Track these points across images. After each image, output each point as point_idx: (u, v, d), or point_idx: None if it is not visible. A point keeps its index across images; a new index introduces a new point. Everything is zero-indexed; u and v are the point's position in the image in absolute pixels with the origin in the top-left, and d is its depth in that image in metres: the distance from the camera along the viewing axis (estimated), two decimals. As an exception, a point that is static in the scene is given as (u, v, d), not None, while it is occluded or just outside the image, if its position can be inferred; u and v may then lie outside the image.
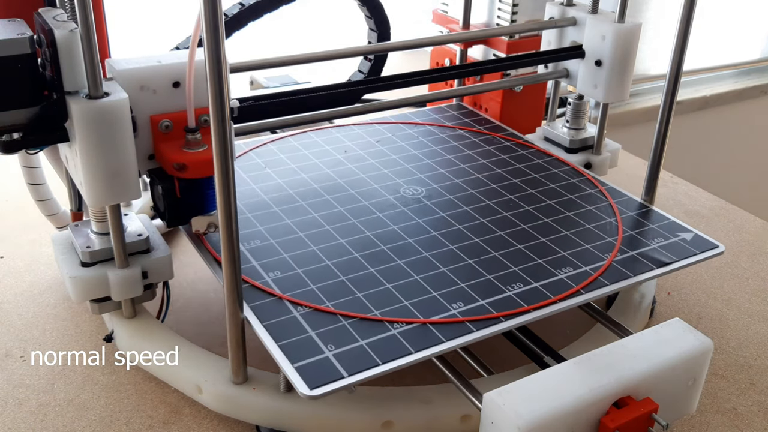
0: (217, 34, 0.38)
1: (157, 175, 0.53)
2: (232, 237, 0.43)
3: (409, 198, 0.62)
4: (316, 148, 0.70)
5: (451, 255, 0.55)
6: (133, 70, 0.51)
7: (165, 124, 0.52)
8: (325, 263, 0.53)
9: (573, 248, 0.56)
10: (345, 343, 0.46)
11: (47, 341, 0.58)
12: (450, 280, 0.52)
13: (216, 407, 0.50)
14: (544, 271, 0.53)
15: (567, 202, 0.63)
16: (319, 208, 0.60)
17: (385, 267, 0.53)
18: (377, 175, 0.66)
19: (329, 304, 0.49)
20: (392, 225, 0.58)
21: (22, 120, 0.47)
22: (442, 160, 0.69)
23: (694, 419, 0.54)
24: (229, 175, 0.42)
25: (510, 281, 0.52)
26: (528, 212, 0.61)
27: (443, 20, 0.84)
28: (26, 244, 0.71)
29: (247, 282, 0.51)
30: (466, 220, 0.60)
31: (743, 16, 1.55)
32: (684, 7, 0.57)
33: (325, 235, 0.57)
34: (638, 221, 0.60)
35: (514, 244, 0.56)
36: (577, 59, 0.72)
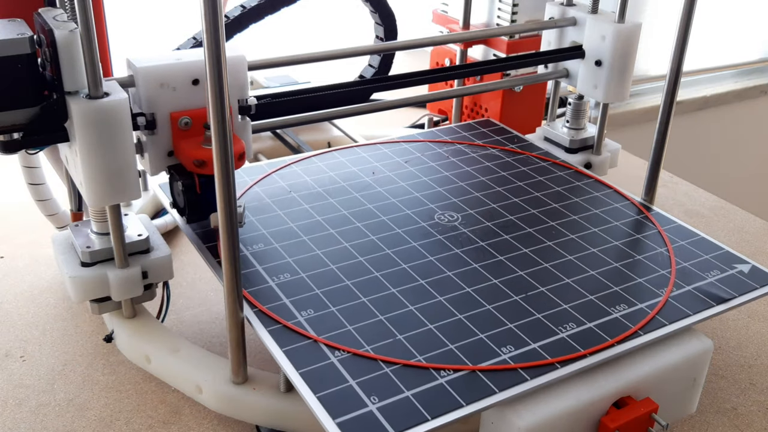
0: (217, 34, 0.38)
1: (177, 172, 0.53)
2: (232, 237, 0.43)
3: (444, 225, 0.58)
4: (342, 169, 0.66)
5: (494, 290, 0.51)
6: (153, 68, 0.51)
7: (184, 121, 0.52)
8: (361, 300, 0.49)
9: (625, 282, 0.52)
10: (389, 394, 0.42)
11: (47, 341, 0.58)
12: (496, 319, 0.48)
13: (216, 407, 0.50)
14: (597, 308, 0.49)
15: (613, 230, 0.59)
16: (350, 236, 0.56)
17: (425, 304, 0.49)
18: (409, 199, 0.62)
19: (369, 348, 0.45)
20: (429, 256, 0.54)
21: (22, 120, 0.47)
22: (476, 182, 0.65)
23: (694, 419, 0.54)
24: (230, 174, 0.42)
25: (561, 321, 0.48)
26: (572, 241, 0.57)
27: (443, 20, 0.84)
28: (26, 245, 0.71)
29: (279, 323, 0.47)
30: (507, 250, 0.55)
31: (743, 17, 1.55)
32: (684, 7, 0.57)
33: (359, 267, 0.53)
34: (691, 251, 0.56)
35: (562, 278, 0.52)
36: (577, 59, 0.72)
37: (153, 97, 0.51)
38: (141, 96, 0.52)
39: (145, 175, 0.73)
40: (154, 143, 0.53)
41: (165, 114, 0.52)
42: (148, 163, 0.54)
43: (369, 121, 0.92)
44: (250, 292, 0.49)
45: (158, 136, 0.53)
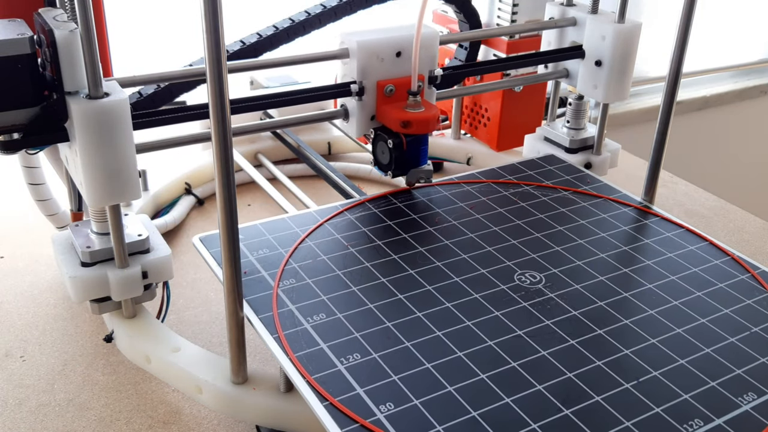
0: (217, 34, 0.38)
1: (385, 132, 0.61)
2: (233, 237, 0.43)
3: (528, 289, 0.51)
4: (400, 216, 0.60)
5: (600, 375, 0.43)
6: (368, 41, 0.59)
7: (389, 88, 0.61)
8: (448, 389, 0.42)
9: (747, 363, 0.45)
10: None
11: (47, 341, 0.58)
12: (609, 415, 0.41)
13: (216, 407, 0.50)
14: (723, 399, 0.42)
15: (718, 293, 0.51)
16: (422, 304, 0.49)
17: (523, 395, 0.42)
18: (482, 255, 0.55)
19: None
20: (517, 330, 0.47)
21: (22, 120, 0.47)
22: (554, 233, 0.58)
23: (694, 419, 0.54)
24: (230, 174, 0.42)
25: (685, 417, 0.41)
26: (677, 308, 0.50)
27: (443, 20, 0.84)
28: (26, 244, 0.71)
29: (356, 421, 0.40)
30: (605, 321, 0.48)
31: (743, 17, 1.55)
32: (684, 7, 0.57)
33: (438, 344, 0.45)
34: None
35: (675, 359, 0.45)
36: (577, 59, 0.72)
37: (365, 67, 0.60)
38: (356, 66, 0.60)
39: (145, 175, 0.73)
40: (362, 108, 0.62)
41: (372, 82, 0.61)
42: (354, 126, 0.62)
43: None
44: (316, 379, 0.42)
45: (365, 102, 0.61)
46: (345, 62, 0.61)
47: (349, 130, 0.63)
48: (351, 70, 0.61)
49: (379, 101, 0.61)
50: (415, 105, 0.60)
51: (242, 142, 0.83)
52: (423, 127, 0.59)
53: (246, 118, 0.75)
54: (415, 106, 0.60)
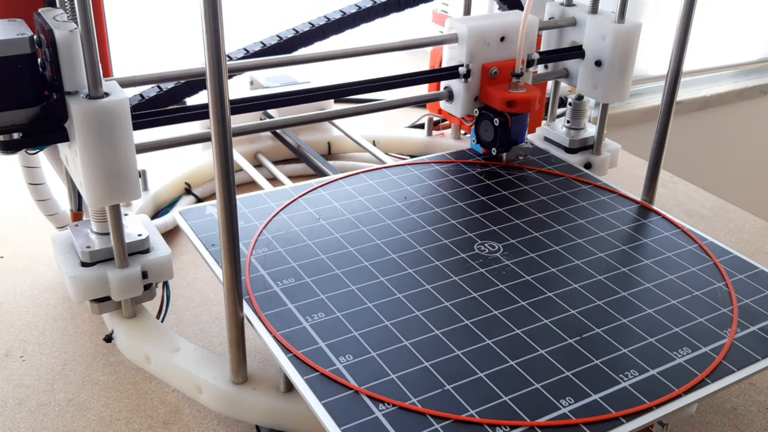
0: (217, 34, 0.38)
1: (490, 112, 0.66)
2: (233, 237, 0.43)
3: (486, 257, 0.54)
4: (372, 193, 0.63)
5: (546, 332, 0.47)
6: (477, 26, 0.64)
7: (494, 70, 0.66)
8: (404, 344, 0.46)
9: (685, 323, 0.49)
10: None
11: (47, 341, 0.58)
12: (552, 366, 0.44)
13: (216, 407, 0.50)
14: (658, 353, 0.46)
15: (666, 262, 0.55)
16: (386, 270, 0.53)
17: (473, 349, 0.45)
18: (445, 227, 0.58)
19: (416, 401, 0.41)
20: (473, 292, 0.51)
21: (22, 120, 0.47)
22: (515, 207, 0.61)
23: (694, 419, 0.54)
24: (230, 174, 0.42)
25: (622, 368, 0.44)
26: (624, 275, 0.53)
27: (443, 20, 0.84)
28: (26, 244, 0.71)
29: (316, 370, 0.43)
30: (555, 285, 0.52)
31: (743, 17, 1.55)
32: (684, 7, 0.57)
33: (398, 305, 0.49)
34: (751, 286, 0.53)
35: (618, 318, 0.49)
36: (577, 59, 0.72)
37: (473, 51, 0.65)
38: (465, 50, 0.65)
39: (145, 175, 0.73)
40: (467, 90, 0.67)
41: (478, 65, 0.66)
42: (459, 106, 0.67)
43: (369, 121, 0.93)
44: (283, 335, 0.46)
45: (470, 84, 0.66)
46: (452, 47, 0.67)
47: (453, 111, 0.69)
48: (459, 53, 0.66)
49: (484, 83, 0.66)
50: (517, 86, 0.65)
51: (242, 142, 0.83)
52: (527, 106, 0.64)
53: (246, 118, 0.75)
54: (518, 87, 0.65)
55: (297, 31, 0.66)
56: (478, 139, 0.69)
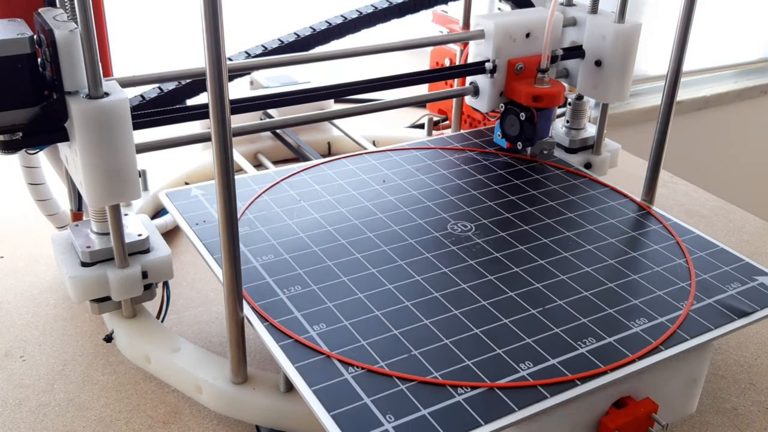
0: (217, 34, 0.38)
1: (516, 106, 0.67)
2: (232, 237, 0.43)
3: (458, 235, 0.57)
4: (352, 177, 0.65)
5: (511, 304, 0.50)
6: (503, 22, 0.65)
7: (519, 66, 0.67)
8: (375, 314, 0.48)
9: (644, 296, 0.51)
10: (405, 412, 0.41)
11: (47, 341, 0.58)
12: (514, 334, 0.47)
13: (216, 407, 0.50)
14: (617, 323, 0.48)
15: (630, 240, 0.58)
16: (361, 247, 0.55)
17: (440, 318, 0.48)
18: (421, 208, 0.61)
19: (383, 364, 0.44)
20: (443, 268, 0.53)
21: (22, 120, 0.47)
22: (490, 191, 0.64)
23: (694, 419, 0.54)
24: (230, 175, 0.42)
25: (580, 336, 0.47)
26: (590, 252, 0.56)
27: (443, 20, 0.84)
28: (26, 244, 0.71)
29: (290, 337, 0.46)
30: (523, 261, 0.54)
31: (743, 16, 1.55)
32: (684, 7, 0.57)
33: (371, 279, 0.52)
34: (710, 262, 0.55)
35: (580, 291, 0.51)
36: (577, 59, 0.72)
37: (500, 47, 0.66)
38: (491, 45, 0.66)
39: (145, 175, 0.73)
40: (493, 85, 0.68)
41: (504, 61, 0.67)
42: (485, 101, 0.69)
43: (369, 121, 0.93)
44: (260, 306, 0.48)
45: (496, 79, 0.68)
46: (478, 43, 0.68)
47: (478, 106, 0.70)
48: (485, 49, 0.67)
49: (509, 78, 0.68)
50: (543, 81, 0.66)
51: (242, 142, 0.83)
52: (553, 101, 0.66)
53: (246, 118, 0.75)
54: (543, 82, 0.66)
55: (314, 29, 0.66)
56: (503, 134, 0.70)
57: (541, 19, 0.67)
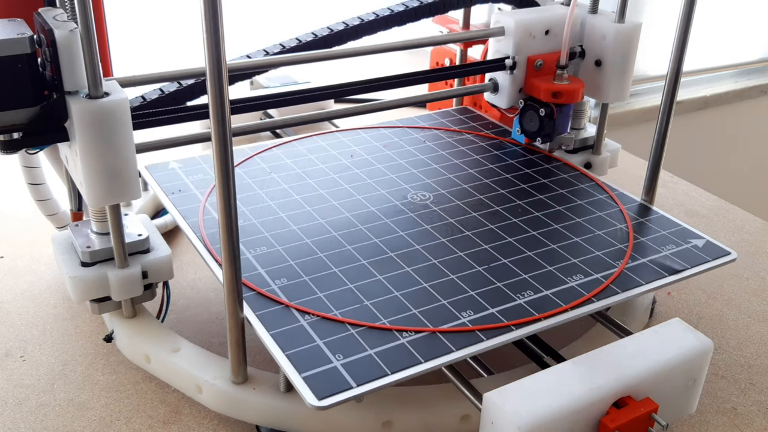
0: (217, 34, 0.38)
1: (536, 102, 0.68)
2: (232, 237, 0.43)
3: (416, 204, 0.61)
4: (322, 152, 0.69)
5: (460, 262, 0.54)
6: (524, 20, 0.66)
7: (539, 62, 0.68)
8: (333, 270, 0.52)
9: (583, 255, 0.55)
10: (353, 352, 0.45)
11: (47, 341, 0.58)
12: (459, 287, 0.51)
13: (216, 407, 0.50)
14: (555, 278, 0.52)
15: (576, 208, 0.62)
16: (325, 214, 0.59)
17: (393, 274, 0.52)
18: (384, 180, 0.65)
19: (337, 313, 0.48)
20: (400, 231, 0.57)
21: (22, 120, 0.47)
22: (450, 165, 0.68)
23: (694, 419, 0.54)
24: (230, 175, 0.42)
25: (520, 289, 0.51)
26: (537, 218, 0.60)
27: (443, 20, 0.84)
28: (26, 244, 0.71)
29: (253, 290, 0.50)
30: (474, 226, 0.58)
31: (743, 16, 1.55)
32: (684, 7, 0.57)
33: (332, 241, 0.56)
34: (649, 227, 0.59)
35: (524, 251, 0.55)
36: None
37: (520, 44, 0.67)
38: (511, 42, 0.67)
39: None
40: (512, 81, 0.69)
41: (523, 57, 0.68)
42: (504, 97, 0.70)
43: (369, 121, 0.92)
44: None
45: (515, 76, 0.68)
46: (498, 40, 0.69)
47: (498, 102, 0.71)
48: (505, 46, 0.68)
49: (529, 74, 0.68)
50: (562, 77, 0.67)
51: (242, 142, 0.83)
52: (572, 97, 0.67)
53: (246, 118, 0.75)
54: (562, 79, 0.67)
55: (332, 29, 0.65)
56: (522, 130, 0.71)
57: (559, 17, 0.68)
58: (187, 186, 0.62)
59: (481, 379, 0.51)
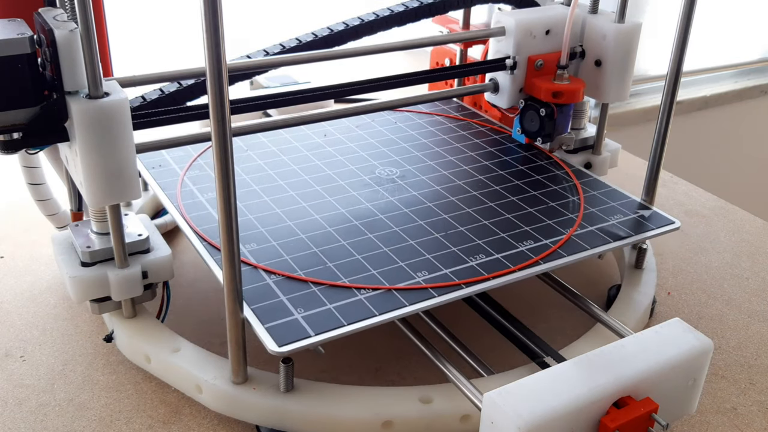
0: (217, 34, 0.38)
1: (536, 102, 0.68)
2: (232, 237, 0.43)
3: (383, 178, 0.66)
4: (297, 132, 0.73)
5: (419, 230, 0.58)
6: (524, 20, 0.67)
7: (539, 62, 0.68)
8: (299, 236, 0.56)
9: (535, 224, 0.59)
10: (313, 307, 0.49)
11: (47, 341, 0.58)
12: (417, 251, 0.55)
13: (216, 407, 0.50)
14: (507, 244, 0.56)
15: (534, 183, 0.66)
16: (296, 186, 0.64)
17: (356, 240, 0.56)
18: (354, 157, 0.69)
19: (301, 273, 0.52)
20: (365, 203, 0.61)
21: (22, 120, 0.47)
22: (418, 144, 0.72)
23: (694, 419, 0.54)
24: (230, 175, 0.42)
25: (473, 253, 0.55)
26: (496, 191, 0.64)
27: (443, 20, 0.84)
28: (26, 244, 0.71)
29: None
30: (436, 198, 0.63)
31: (743, 16, 1.55)
32: (684, 7, 0.57)
33: (301, 211, 0.60)
34: (600, 199, 0.64)
35: (480, 220, 0.60)
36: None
37: (520, 43, 0.67)
38: (512, 42, 0.67)
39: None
40: (513, 81, 0.69)
41: (524, 57, 0.68)
42: (505, 97, 0.70)
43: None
44: (202, 230, 0.56)
45: (515, 75, 0.68)
46: (499, 40, 0.69)
47: (498, 102, 0.71)
48: (506, 46, 0.68)
49: (529, 74, 0.69)
50: (562, 77, 0.67)
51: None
52: (573, 97, 0.67)
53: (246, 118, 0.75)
54: (563, 79, 0.67)
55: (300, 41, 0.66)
56: (522, 130, 0.71)
57: (560, 16, 0.68)
58: (167, 161, 0.66)
59: (482, 379, 0.51)
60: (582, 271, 0.70)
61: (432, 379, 0.54)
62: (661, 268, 0.71)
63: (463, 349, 0.54)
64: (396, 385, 0.55)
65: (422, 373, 0.56)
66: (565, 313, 0.63)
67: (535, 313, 0.63)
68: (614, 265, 0.71)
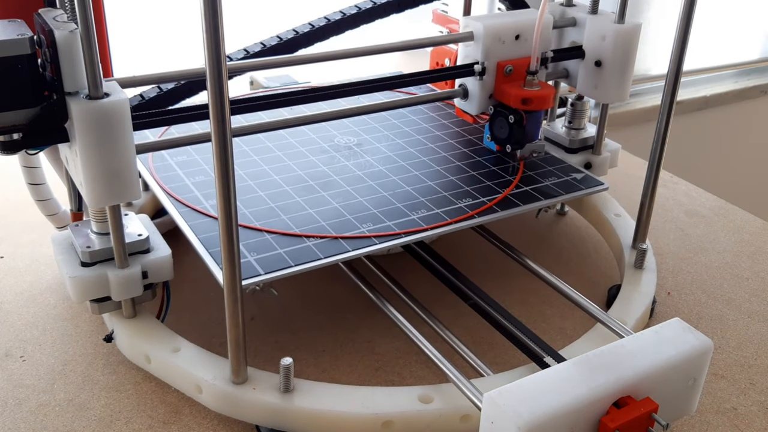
0: (217, 34, 0.38)
1: (505, 109, 0.67)
2: (232, 237, 0.43)
3: (341, 145, 0.71)
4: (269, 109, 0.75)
5: (369, 189, 0.63)
6: (493, 24, 0.66)
7: (509, 68, 0.66)
8: (258, 194, 0.61)
9: (476, 184, 0.65)
10: (265, 251, 0.54)
11: (47, 341, 0.58)
12: (364, 207, 0.60)
13: (216, 407, 0.50)
14: (447, 201, 0.62)
15: (479, 150, 0.72)
16: (260, 152, 0.69)
17: (310, 197, 0.61)
18: (316, 127, 0.75)
19: (257, 224, 0.57)
20: (322, 166, 0.67)
21: (22, 120, 0.47)
22: (378, 116, 0.78)
23: (694, 419, 0.54)
24: (229, 175, 0.42)
25: (416, 208, 0.61)
26: (444, 157, 0.70)
27: (443, 20, 0.84)
28: (26, 244, 0.71)
29: (187, 206, 0.59)
30: (387, 163, 0.68)
31: (743, 16, 1.55)
32: (684, 7, 0.57)
33: (262, 173, 0.65)
34: (539, 164, 0.69)
35: (425, 181, 0.65)
36: (577, 59, 0.72)
37: (489, 49, 0.66)
38: (480, 47, 0.66)
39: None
40: (482, 87, 0.67)
41: (493, 63, 0.66)
42: (474, 104, 0.68)
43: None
44: (170, 188, 0.62)
45: (485, 81, 0.67)
46: (467, 45, 0.68)
47: (467, 108, 0.70)
48: (474, 51, 0.67)
49: (498, 80, 0.67)
50: (532, 83, 0.66)
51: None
52: (542, 103, 0.66)
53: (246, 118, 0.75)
54: (532, 85, 0.66)
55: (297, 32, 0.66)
56: (492, 137, 0.70)
57: (530, 21, 0.67)
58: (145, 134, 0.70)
59: (482, 379, 0.51)
60: (582, 271, 0.70)
61: (432, 379, 0.54)
62: (661, 268, 0.71)
63: (463, 349, 0.54)
64: (396, 385, 0.55)
65: (422, 373, 0.56)
66: (565, 313, 0.63)
67: (535, 313, 0.63)
68: (614, 265, 0.71)
